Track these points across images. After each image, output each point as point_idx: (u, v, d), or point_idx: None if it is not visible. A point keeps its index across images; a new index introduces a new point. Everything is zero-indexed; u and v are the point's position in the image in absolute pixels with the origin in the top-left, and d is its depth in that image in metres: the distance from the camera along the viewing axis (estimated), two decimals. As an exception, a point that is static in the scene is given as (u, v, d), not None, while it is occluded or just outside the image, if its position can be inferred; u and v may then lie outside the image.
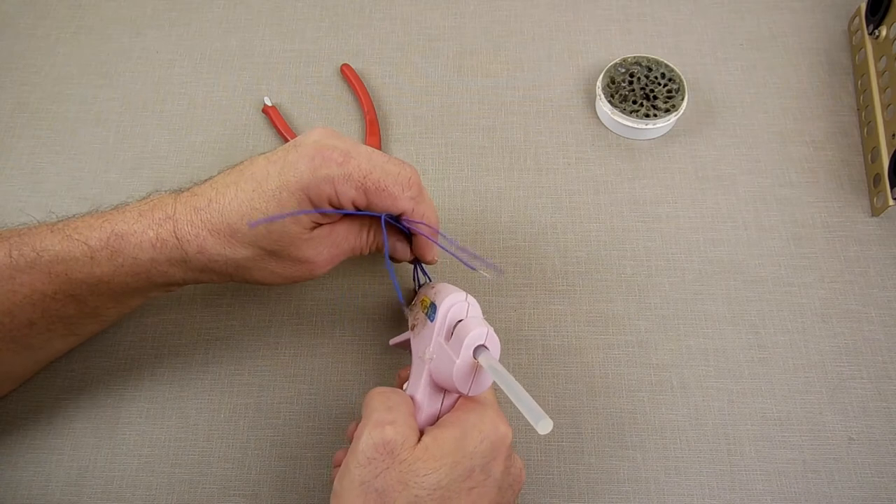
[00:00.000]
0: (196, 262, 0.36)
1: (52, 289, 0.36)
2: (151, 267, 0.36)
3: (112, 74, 0.58)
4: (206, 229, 0.35)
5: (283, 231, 0.35)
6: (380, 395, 0.34)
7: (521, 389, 0.30)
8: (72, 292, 0.36)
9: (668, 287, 0.46)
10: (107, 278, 0.36)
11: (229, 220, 0.35)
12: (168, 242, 0.36)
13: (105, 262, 0.36)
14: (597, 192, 0.50)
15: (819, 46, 0.56)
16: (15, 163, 0.53)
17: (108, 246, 0.36)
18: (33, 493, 0.41)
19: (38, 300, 0.36)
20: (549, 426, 0.28)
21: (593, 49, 0.57)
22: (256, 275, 0.37)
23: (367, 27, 0.59)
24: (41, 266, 0.36)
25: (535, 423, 0.29)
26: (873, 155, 0.49)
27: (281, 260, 0.37)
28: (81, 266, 0.36)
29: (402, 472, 0.30)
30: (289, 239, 0.35)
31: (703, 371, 0.44)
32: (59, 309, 0.37)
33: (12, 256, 0.36)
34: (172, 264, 0.36)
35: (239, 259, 0.36)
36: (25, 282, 0.36)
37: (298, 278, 0.38)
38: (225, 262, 0.36)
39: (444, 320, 0.35)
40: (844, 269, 0.46)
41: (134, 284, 0.37)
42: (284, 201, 0.34)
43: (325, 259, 0.38)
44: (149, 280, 0.37)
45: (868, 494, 0.40)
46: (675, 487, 0.40)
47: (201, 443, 0.43)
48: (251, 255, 0.36)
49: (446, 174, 0.51)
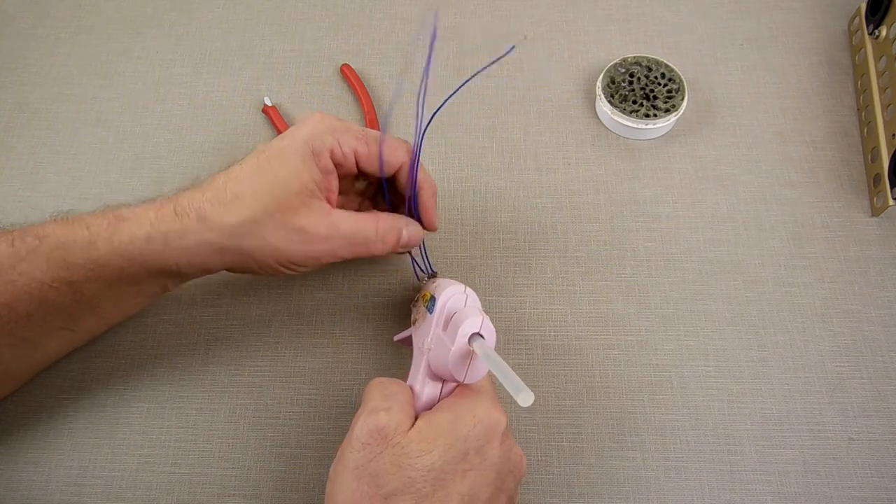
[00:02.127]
0: (192, 235, 0.36)
1: (50, 276, 0.36)
2: (147, 247, 0.36)
3: (112, 74, 0.58)
4: (207, 202, 0.36)
5: (284, 186, 0.36)
6: (378, 385, 0.34)
7: (508, 367, 0.31)
8: (69, 278, 0.36)
9: (668, 287, 0.46)
10: (103, 261, 0.36)
11: (233, 189, 0.36)
12: (166, 217, 0.36)
13: (102, 244, 0.36)
14: (597, 192, 0.50)
15: (819, 46, 0.56)
16: (15, 163, 0.53)
17: (107, 228, 0.36)
18: (33, 493, 0.41)
19: (35, 289, 0.36)
20: (531, 398, 0.29)
21: (593, 49, 0.57)
22: (250, 246, 0.37)
23: (367, 27, 0.59)
24: (41, 252, 0.36)
25: (515, 395, 0.29)
26: (873, 155, 0.49)
27: (276, 227, 0.36)
28: (80, 250, 0.36)
29: (395, 455, 0.31)
30: (288, 197, 0.36)
31: (703, 371, 0.44)
32: (56, 298, 0.37)
33: (14, 245, 0.36)
34: (168, 241, 0.36)
35: (235, 224, 0.36)
36: (24, 270, 0.36)
37: (293, 255, 0.37)
38: (221, 231, 0.36)
39: (442, 311, 0.36)
40: (844, 269, 0.46)
41: (129, 270, 0.37)
42: (287, 157, 0.36)
43: (321, 234, 0.37)
44: (143, 264, 0.37)
45: (868, 494, 0.40)
46: (675, 487, 0.40)
47: (201, 443, 0.43)
48: (249, 219, 0.36)
49: (446, 174, 0.51)
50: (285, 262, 0.38)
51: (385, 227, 0.39)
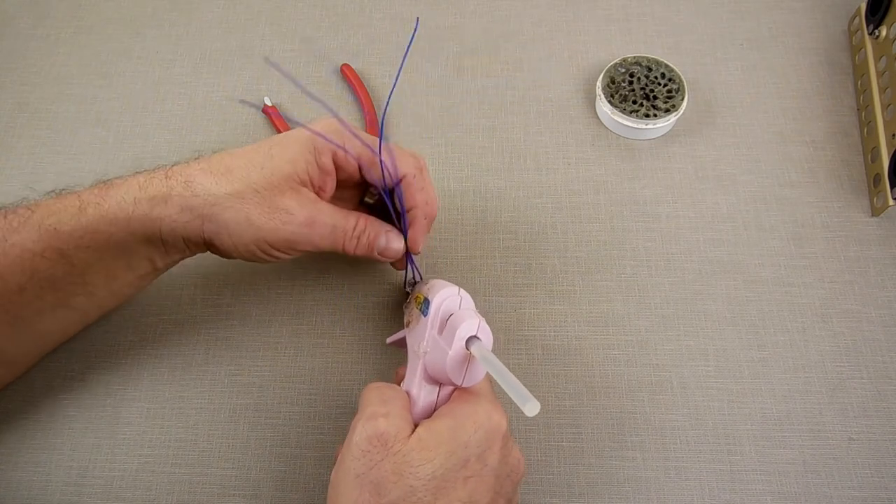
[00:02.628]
0: (176, 199, 0.36)
1: (41, 246, 0.36)
2: (134, 210, 0.36)
3: (112, 74, 0.58)
4: (199, 170, 0.37)
5: (275, 167, 0.36)
6: (375, 390, 0.34)
7: (511, 375, 0.30)
8: (59, 247, 0.36)
9: (668, 287, 0.46)
10: (92, 227, 0.36)
11: (227, 162, 0.37)
12: (154, 181, 0.37)
13: (91, 209, 0.36)
14: (597, 192, 0.50)
15: (819, 46, 0.56)
16: (15, 163, 0.53)
17: (97, 195, 0.37)
18: (33, 493, 0.41)
19: (27, 260, 0.36)
20: (537, 408, 0.29)
21: (593, 49, 0.57)
22: (230, 219, 0.36)
23: (367, 27, 0.59)
24: (32, 223, 0.36)
25: (522, 405, 0.29)
26: (873, 155, 0.49)
27: (260, 203, 0.36)
28: (70, 218, 0.36)
29: (396, 464, 0.30)
30: (277, 178, 0.36)
31: (703, 371, 0.44)
32: (47, 269, 0.37)
33: (7, 218, 0.36)
34: (153, 205, 0.36)
35: (221, 194, 0.36)
36: (16, 242, 0.36)
37: (269, 235, 0.37)
38: (205, 198, 0.36)
39: (437, 314, 0.36)
40: (844, 269, 0.46)
41: (117, 236, 0.37)
42: (288, 145, 0.37)
43: (302, 217, 0.37)
44: (129, 230, 0.37)
45: (868, 494, 0.40)
46: (675, 487, 0.40)
47: (201, 443, 0.43)
48: (234, 192, 0.36)
49: (446, 174, 0.51)
50: (262, 245, 0.37)
51: (363, 227, 0.39)
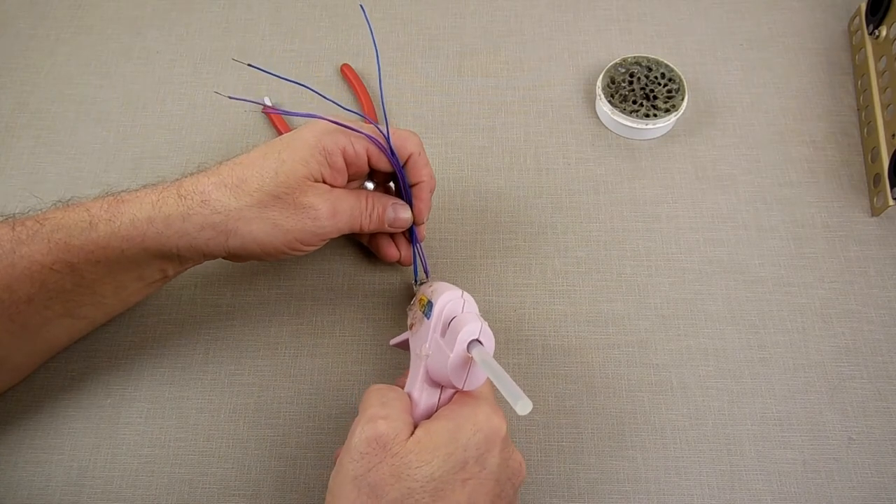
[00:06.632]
0: (196, 218, 0.36)
1: (51, 259, 0.36)
2: (148, 228, 0.36)
3: (112, 74, 0.58)
4: (212, 185, 0.37)
5: (290, 171, 0.36)
6: (376, 392, 0.34)
7: (506, 375, 0.30)
8: (69, 260, 0.36)
9: (668, 287, 0.46)
10: (103, 242, 0.36)
11: (238, 174, 0.37)
12: (169, 200, 0.36)
13: (103, 226, 0.36)
14: (597, 192, 0.50)
15: (819, 46, 0.56)
16: (15, 163, 0.53)
17: (108, 210, 0.36)
18: (33, 493, 0.41)
19: (36, 272, 0.36)
20: (528, 407, 0.29)
21: (593, 49, 0.57)
22: (257, 229, 0.37)
23: (367, 27, 0.59)
24: (42, 235, 0.36)
25: (513, 403, 0.29)
26: (873, 155, 0.49)
27: (284, 208, 0.37)
28: (80, 232, 0.36)
29: (394, 466, 0.30)
30: (294, 181, 0.36)
31: (703, 371, 0.44)
32: (57, 282, 0.37)
33: (16, 230, 0.36)
34: (170, 224, 0.36)
35: (242, 207, 0.36)
36: (25, 254, 0.36)
37: (300, 234, 0.38)
38: (227, 213, 0.36)
39: (440, 316, 0.36)
40: (844, 269, 0.46)
41: (129, 252, 0.37)
42: (296, 147, 0.37)
43: (326, 210, 0.38)
44: (143, 246, 0.37)
45: (868, 494, 0.40)
46: (675, 487, 0.40)
47: (201, 443, 0.43)
48: (255, 202, 0.36)
49: (446, 174, 0.51)
50: (293, 244, 0.38)
51: (372, 203, 0.40)
